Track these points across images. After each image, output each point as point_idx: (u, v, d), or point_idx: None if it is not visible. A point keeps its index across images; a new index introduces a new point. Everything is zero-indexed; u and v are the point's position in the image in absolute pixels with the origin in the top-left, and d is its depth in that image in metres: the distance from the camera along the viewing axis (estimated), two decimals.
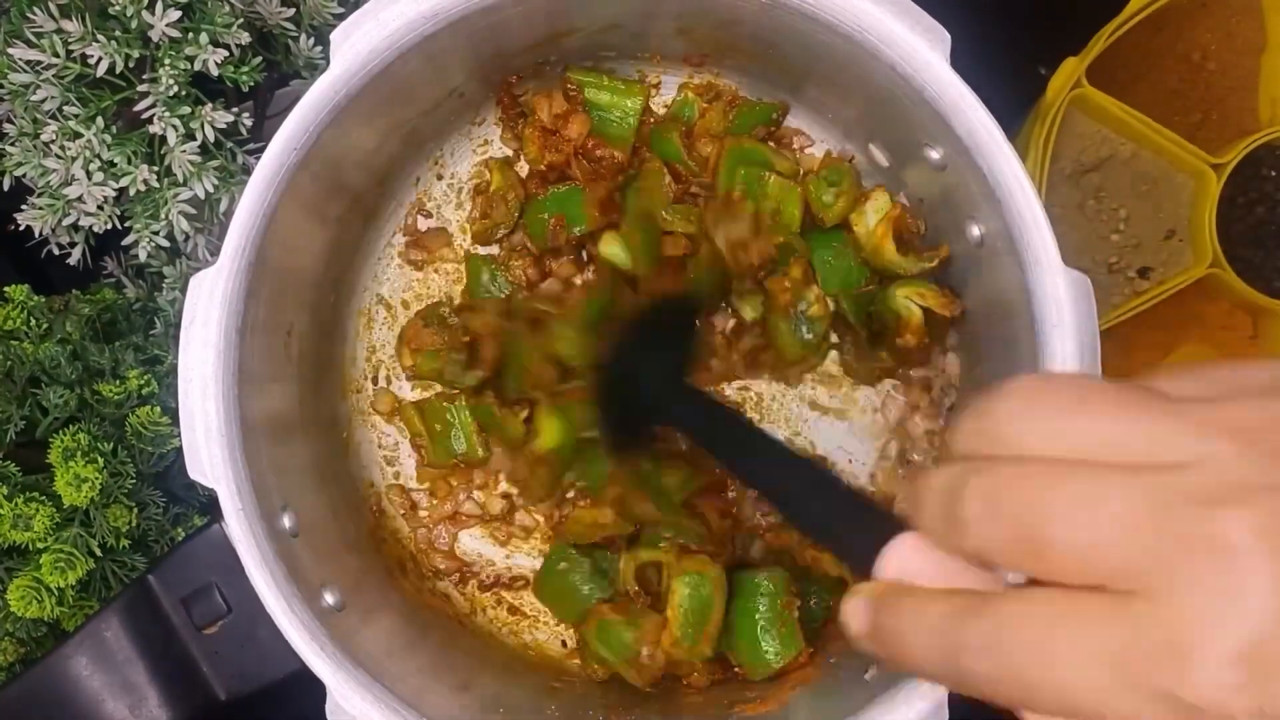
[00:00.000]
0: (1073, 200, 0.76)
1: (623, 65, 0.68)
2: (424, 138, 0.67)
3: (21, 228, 0.64)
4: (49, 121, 0.61)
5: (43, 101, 0.60)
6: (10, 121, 0.63)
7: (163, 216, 0.63)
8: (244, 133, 0.63)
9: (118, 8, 0.58)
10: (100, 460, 0.60)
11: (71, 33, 0.58)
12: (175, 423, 0.54)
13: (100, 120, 0.60)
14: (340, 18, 0.62)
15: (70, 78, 0.60)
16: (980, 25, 0.60)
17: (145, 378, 0.64)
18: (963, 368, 0.65)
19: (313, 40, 0.65)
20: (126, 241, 0.64)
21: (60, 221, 0.63)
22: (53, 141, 0.61)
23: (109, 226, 0.64)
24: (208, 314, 0.53)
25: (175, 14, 0.58)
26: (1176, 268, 0.75)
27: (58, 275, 0.71)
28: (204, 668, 0.55)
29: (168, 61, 0.59)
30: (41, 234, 0.65)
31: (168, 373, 0.66)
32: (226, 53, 0.60)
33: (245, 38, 0.60)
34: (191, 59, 0.59)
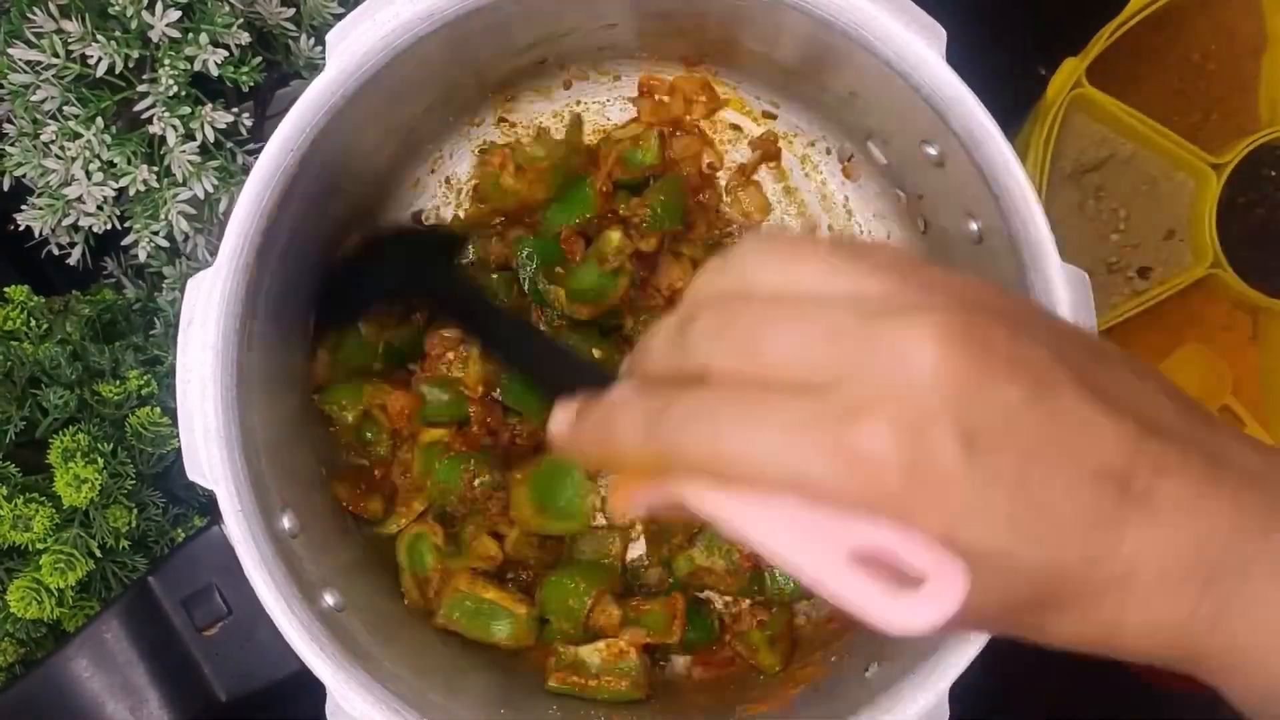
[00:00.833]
0: (1073, 200, 0.76)
1: (621, 64, 0.68)
2: (422, 139, 0.67)
3: (21, 228, 0.64)
4: (49, 122, 0.61)
5: (43, 102, 0.60)
6: (10, 121, 0.63)
7: (162, 216, 0.63)
8: (244, 133, 0.63)
9: (118, 8, 0.58)
10: (100, 461, 0.60)
11: (71, 33, 0.58)
12: (175, 423, 0.54)
13: (100, 120, 0.60)
14: (340, 18, 0.62)
15: (70, 78, 0.60)
16: (980, 25, 0.60)
17: (145, 378, 0.64)
18: None
19: (313, 40, 0.65)
20: (126, 242, 0.64)
21: (60, 222, 0.63)
22: (53, 142, 0.61)
23: (109, 227, 0.64)
24: (206, 315, 0.53)
25: (175, 14, 0.58)
26: (1176, 268, 0.75)
27: (58, 275, 0.71)
28: (205, 669, 0.55)
29: (168, 61, 0.59)
30: (41, 234, 0.65)
31: (168, 373, 0.66)
32: (226, 53, 0.60)
33: (245, 38, 0.60)
34: (191, 59, 0.59)
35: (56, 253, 0.68)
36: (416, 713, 0.53)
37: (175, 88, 0.60)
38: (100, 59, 0.58)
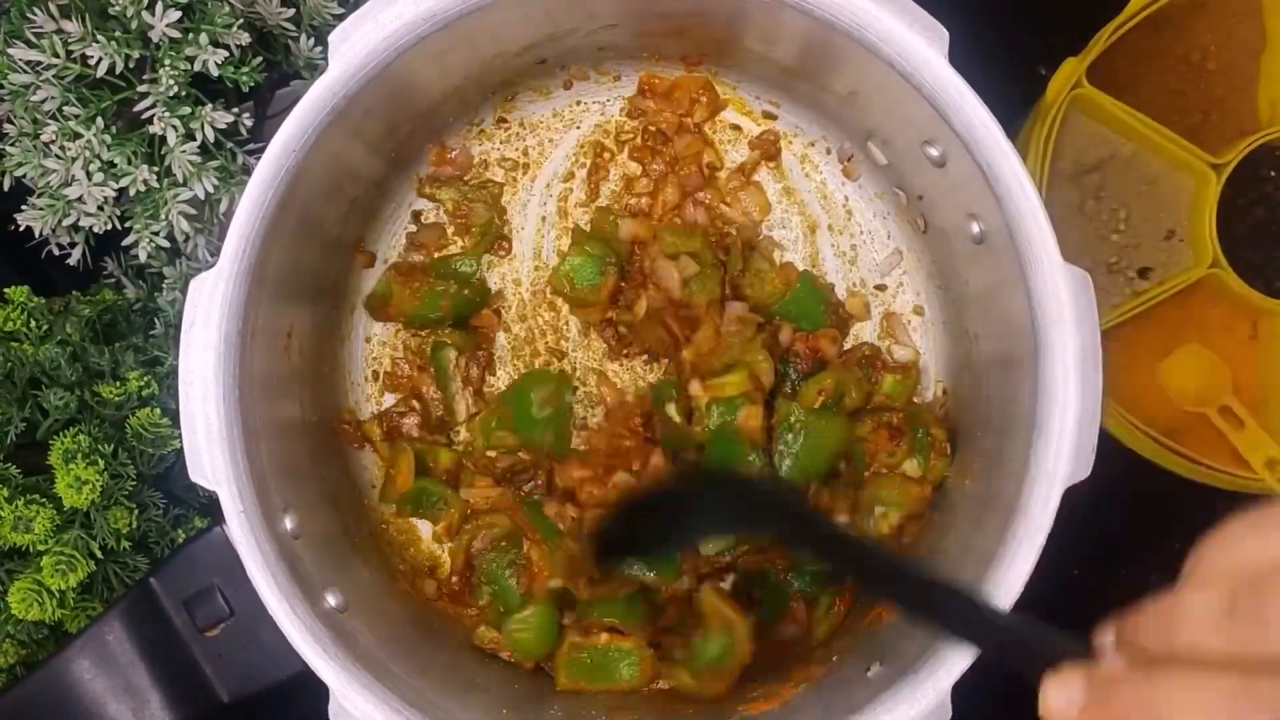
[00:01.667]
0: (1073, 200, 0.76)
1: (621, 64, 0.68)
2: (422, 139, 0.67)
3: (21, 228, 0.64)
4: (49, 122, 0.61)
5: (43, 102, 0.60)
6: (10, 122, 0.63)
7: (163, 217, 0.63)
8: (244, 133, 0.63)
9: (118, 8, 0.58)
10: (101, 462, 0.59)
11: (71, 33, 0.58)
12: (175, 424, 0.54)
13: (100, 120, 0.60)
14: (340, 18, 0.62)
15: (70, 78, 0.60)
16: (980, 26, 0.60)
17: (145, 379, 0.64)
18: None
19: (313, 40, 0.65)
20: (126, 242, 0.64)
21: (60, 222, 0.63)
22: (53, 142, 0.61)
23: (109, 227, 0.64)
24: (208, 316, 0.53)
25: (175, 14, 0.58)
26: (1176, 268, 0.75)
27: (58, 275, 0.71)
28: (206, 670, 0.55)
29: (168, 62, 0.59)
30: (41, 234, 0.65)
31: (168, 374, 0.66)
32: (226, 53, 0.60)
33: (245, 38, 0.60)
34: (191, 59, 0.59)
35: (57, 253, 0.68)
36: (418, 713, 0.53)
37: (175, 88, 0.60)
38: (100, 59, 0.58)
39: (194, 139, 0.61)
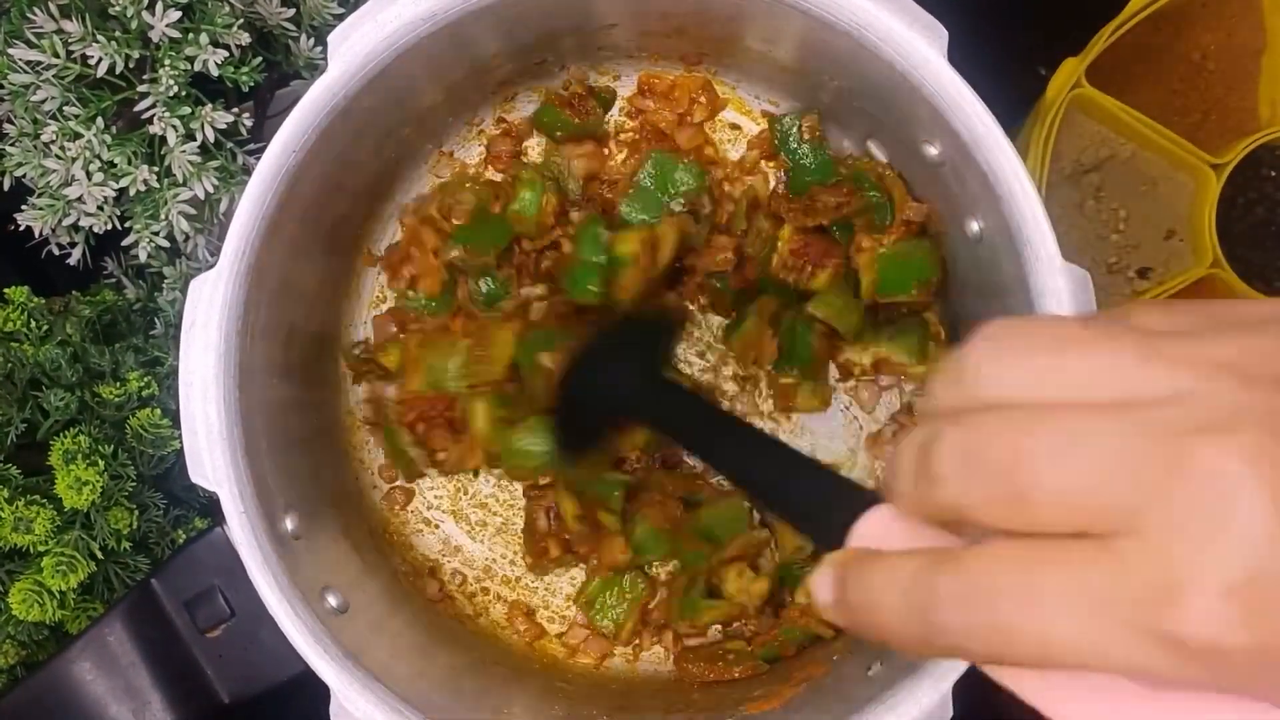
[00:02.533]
0: (1073, 200, 0.76)
1: (621, 64, 0.68)
2: (423, 139, 0.67)
3: (21, 228, 0.64)
4: (49, 122, 0.61)
5: (43, 102, 0.60)
6: (10, 122, 0.63)
7: (163, 217, 0.63)
8: (244, 133, 0.63)
9: (118, 8, 0.58)
10: (101, 463, 0.59)
11: (71, 33, 0.58)
12: (176, 424, 0.54)
13: (100, 121, 0.60)
14: (340, 18, 0.62)
15: (70, 78, 0.60)
16: (980, 25, 0.60)
17: (146, 379, 0.64)
18: None
19: (313, 40, 0.65)
20: (126, 242, 0.64)
21: (60, 222, 0.63)
22: (53, 142, 0.61)
23: (109, 227, 0.64)
24: (208, 317, 0.53)
25: (175, 14, 0.58)
26: (1176, 268, 0.75)
27: (58, 276, 0.71)
28: (207, 671, 0.55)
29: (168, 62, 0.59)
30: (41, 234, 0.65)
31: (168, 374, 0.66)
32: (226, 53, 0.60)
33: (245, 38, 0.60)
34: (191, 59, 0.59)
35: (57, 253, 0.68)
36: (420, 713, 0.53)
37: (175, 88, 0.60)
38: (100, 59, 0.58)
39: (194, 139, 0.61)
